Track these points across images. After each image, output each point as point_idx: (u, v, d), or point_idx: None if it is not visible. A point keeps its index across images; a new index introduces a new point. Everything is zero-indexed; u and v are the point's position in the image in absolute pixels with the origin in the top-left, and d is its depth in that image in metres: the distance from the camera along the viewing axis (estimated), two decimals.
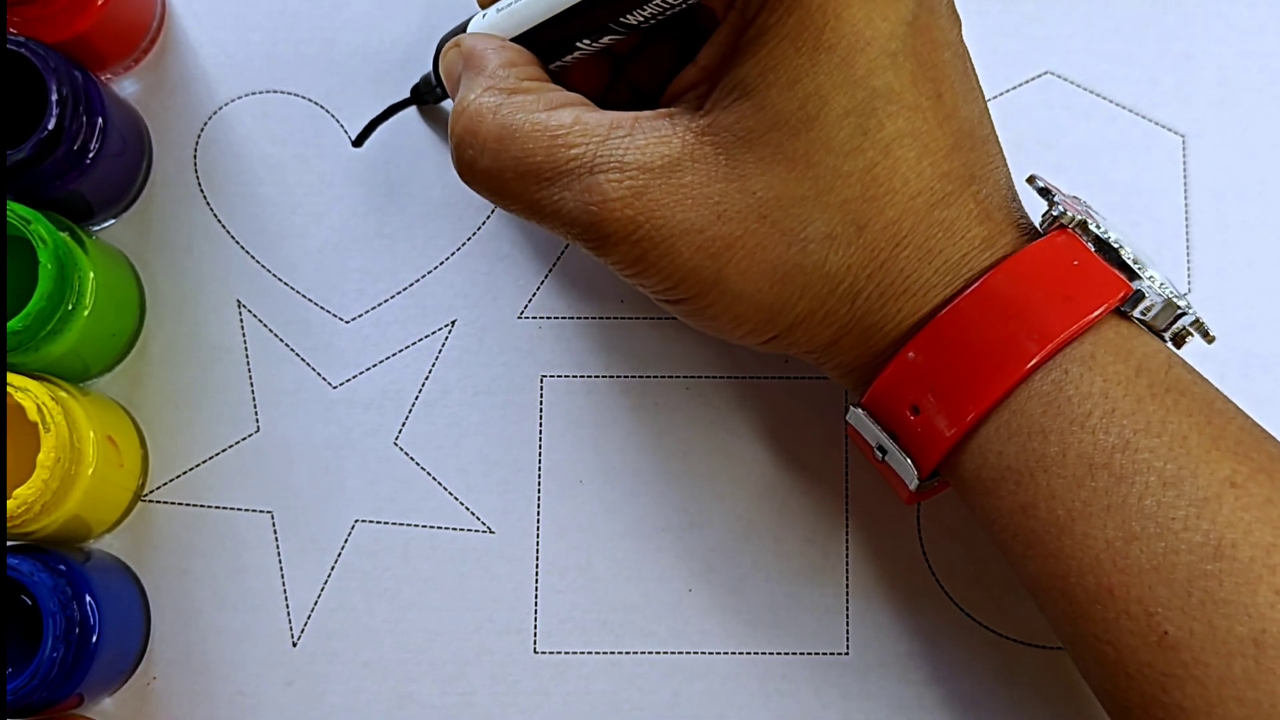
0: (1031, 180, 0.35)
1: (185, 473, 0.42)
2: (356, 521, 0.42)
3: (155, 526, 0.41)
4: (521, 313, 0.42)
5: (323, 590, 0.41)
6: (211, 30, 0.43)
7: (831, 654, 0.41)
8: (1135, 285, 0.32)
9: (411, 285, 0.42)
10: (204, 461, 0.42)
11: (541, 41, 0.36)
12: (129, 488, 0.41)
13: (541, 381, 0.42)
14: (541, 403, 0.42)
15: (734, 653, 0.41)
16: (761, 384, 0.42)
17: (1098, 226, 0.33)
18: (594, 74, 0.39)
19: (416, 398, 0.42)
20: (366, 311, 0.42)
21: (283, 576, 0.41)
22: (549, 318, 0.42)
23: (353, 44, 0.43)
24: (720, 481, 0.42)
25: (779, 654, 0.41)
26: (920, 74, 0.32)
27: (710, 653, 0.41)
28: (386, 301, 0.42)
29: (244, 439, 0.42)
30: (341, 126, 0.43)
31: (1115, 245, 0.32)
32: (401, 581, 0.41)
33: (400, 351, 0.42)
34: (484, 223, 0.43)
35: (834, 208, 0.32)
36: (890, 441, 0.34)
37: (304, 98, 0.43)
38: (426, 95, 0.42)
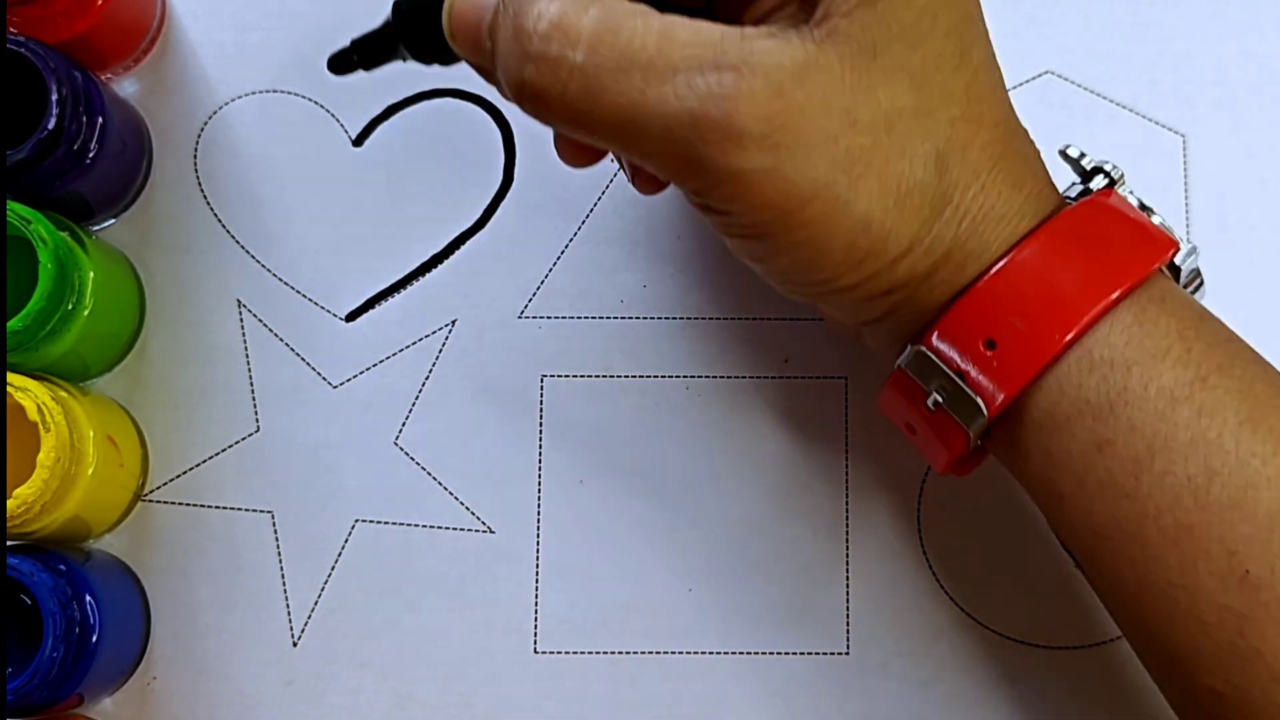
0: (1065, 150, 0.35)
1: (185, 473, 0.42)
2: (356, 521, 0.42)
3: (155, 526, 0.41)
4: (521, 313, 0.42)
5: (323, 590, 0.41)
6: (211, 30, 0.43)
7: (831, 654, 0.41)
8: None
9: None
10: (204, 461, 0.42)
11: None
12: (129, 488, 0.41)
13: (541, 381, 0.42)
14: (541, 403, 0.42)
15: (734, 653, 0.41)
16: (761, 384, 0.42)
17: (1133, 193, 0.34)
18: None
19: (416, 398, 0.42)
20: None
21: (283, 576, 0.41)
22: (549, 318, 0.42)
23: None
24: (720, 481, 0.42)
25: (779, 654, 0.41)
26: (981, 12, 0.33)
27: (710, 653, 0.41)
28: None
29: (244, 439, 0.42)
30: (342, 126, 0.43)
31: (1153, 211, 0.34)
32: (401, 581, 0.41)
33: (400, 351, 0.42)
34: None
35: (944, 125, 0.32)
36: (958, 381, 0.33)
37: (304, 98, 0.43)
38: (352, 60, 0.37)
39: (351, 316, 0.41)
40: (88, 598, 0.37)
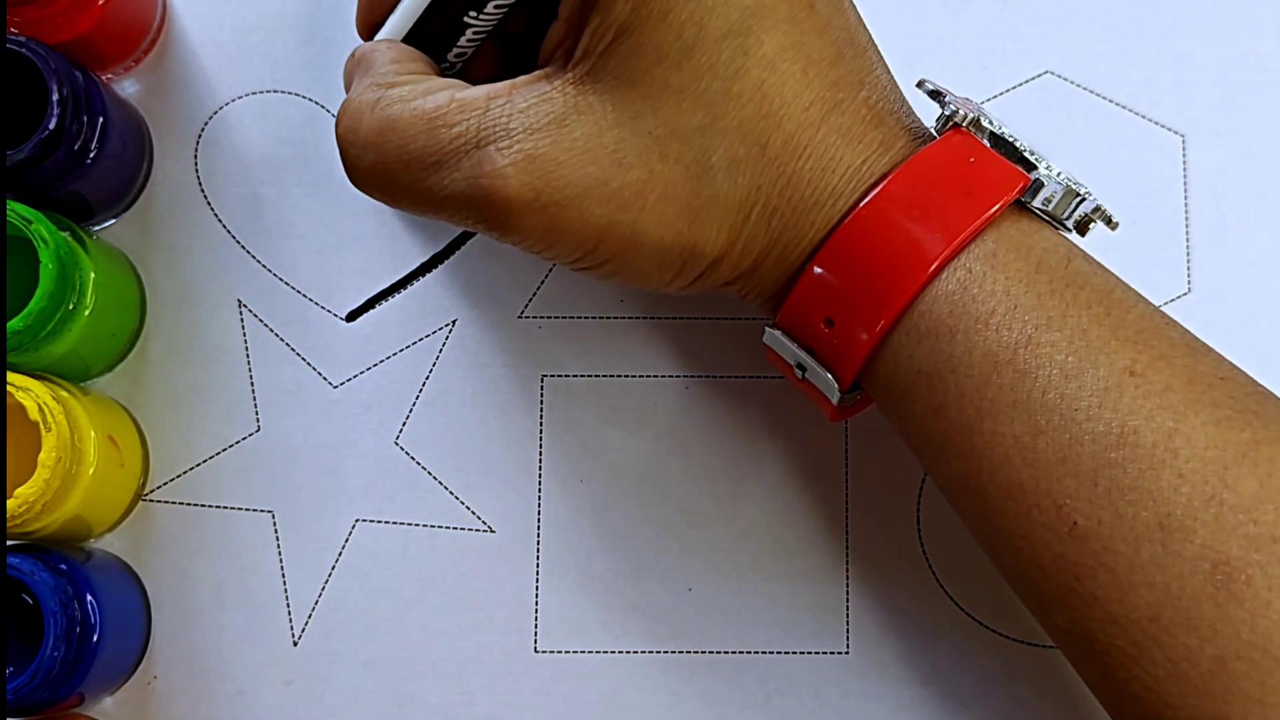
0: (921, 84, 0.34)
1: (186, 472, 0.42)
2: (357, 521, 0.42)
3: (156, 526, 0.42)
4: (521, 313, 0.42)
5: (323, 590, 0.41)
6: (211, 30, 0.43)
7: (831, 654, 0.41)
8: (1033, 176, 0.32)
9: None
10: (204, 461, 0.42)
11: (432, 32, 0.35)
12: (130, 487, 0.41)
13: (541, 381, 0.42)
14: (541, 403, 0.42)
15: (734, 653, 0.41)
16: (761, 384, 0.42)
17: (990, 123, 0.33)
18: (494, 66, 0.38)
19: (417, 397, 0.42)
20: None
21: (283, 576, 0.41)
22: (549, 318, 0.42)
23: (352, 44, 0.43)
24: (720, 481, 0.42)
25: (779, 654, 0.41)
26: None
27: (710, 653, 0.41)
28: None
29: (244, 438, 0.42)
30: None
31: (1010, 139, 0.33)
32: (402, 581, 0.41)
33: (400, 351, 0.42)
34: None
35: (732, 131, 0.32)
36: (808, 357, 0.34)
37: (304, 98, 0.43)
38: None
39: (351, 316, 0.42)
40: (88, 597, 0.37)
